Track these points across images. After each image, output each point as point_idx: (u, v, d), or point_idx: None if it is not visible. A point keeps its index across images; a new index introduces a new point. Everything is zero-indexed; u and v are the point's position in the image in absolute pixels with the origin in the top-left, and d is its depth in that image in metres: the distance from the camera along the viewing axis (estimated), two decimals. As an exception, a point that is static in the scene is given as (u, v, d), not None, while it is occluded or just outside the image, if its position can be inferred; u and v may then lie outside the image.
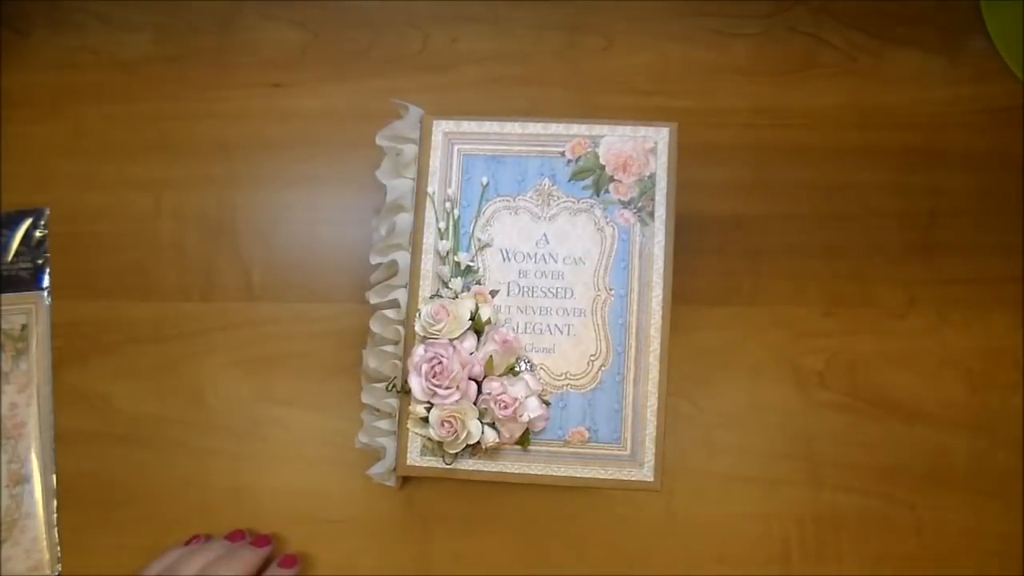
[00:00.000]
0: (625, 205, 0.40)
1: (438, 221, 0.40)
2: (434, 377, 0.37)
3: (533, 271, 0.40)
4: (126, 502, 0.48)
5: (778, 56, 0.52)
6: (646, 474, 0.39)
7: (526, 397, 0.38)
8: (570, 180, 0.40)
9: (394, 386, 0.40)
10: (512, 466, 0.39)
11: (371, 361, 0.41)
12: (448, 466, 0.39)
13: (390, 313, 0.41)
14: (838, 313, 0.49)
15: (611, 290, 0.40)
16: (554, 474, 0.39)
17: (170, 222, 0.51)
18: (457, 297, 0.39)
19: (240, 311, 0.50)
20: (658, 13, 0.52)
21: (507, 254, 0.40)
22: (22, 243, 0.51)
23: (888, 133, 0.51)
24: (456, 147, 0.41)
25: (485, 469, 0.39)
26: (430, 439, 0.39)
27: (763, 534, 0.47)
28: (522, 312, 0.40)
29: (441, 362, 0.37)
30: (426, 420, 0.38)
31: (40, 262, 0.51)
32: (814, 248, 0.49)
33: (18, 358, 0.49)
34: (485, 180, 0.40)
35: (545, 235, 0.40)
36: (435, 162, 0.40)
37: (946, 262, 0.49)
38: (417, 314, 0.39)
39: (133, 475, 0.48)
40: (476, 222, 0.40)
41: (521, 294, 0.40)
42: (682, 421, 0.47)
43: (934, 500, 0.47)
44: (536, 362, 0.39)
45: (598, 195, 0.40)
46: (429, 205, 0.40)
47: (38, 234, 0.51)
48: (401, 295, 0.40)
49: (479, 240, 0.40)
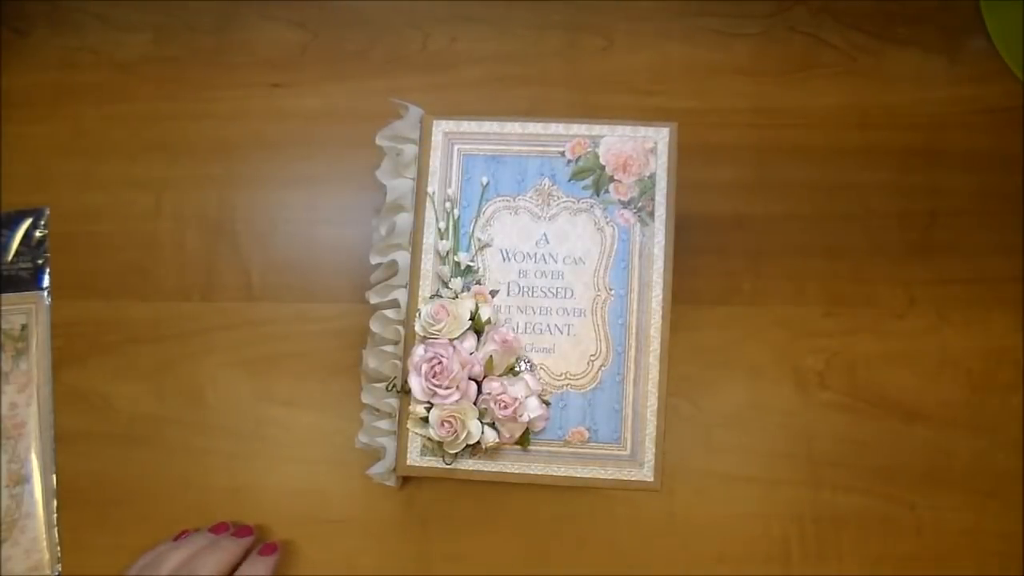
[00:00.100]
0: (625, 205, 0.40)
1: (438, 221, 0.40)
2: (434, 377, 0.37)
3: (533, 271, 0.40)
4: (126, 502, 0.48)
5: (778, 56, 0.52)
6: (646, 474, 0.39)
7: (526, 397, 0.38)
8: (570, 180, 0.40)
9: (394, 386, 0.40)
10: (512, 466, 0.39)
11: (371, 361, 0.41)
12: (448, 466, 0.39)
13: (390, 313, 0.41)
14: (838, 313, 0.49)
15: (611, 290, 0.40)
16: (554, 474, 0.39)
17: (170, 222, 0.51)
18: (457, 297, 0.39)
19: (240, 311, 0.50)
20: (658, 13, 0.52)
21: (507, 254, 0.40)
22: (22, 243, 0.51)
23: (888, 133, 0.51)
24: (456, 147, 0.41)
25: (485, 469, 0.39)
26: (430, 439, 0.39)
27: (763, 534, 0.47)
28: (522, 312, 0.40)
29: (441, 362, 0.37)
30: (426, 420, 0.38)
31: (40, 262, 0.51)
32: (814, 248, 0.49)
33: (18, 358, 0.49)
34: (485, 180, 0.40)
35: (545, 235, 0.40)
36: (435, 162, 0.40)
37: (946, 262, 0.49)
38: (417, 314, 0.39)
39: (133, 475, 0.48)
40: (476, 222, 0.40)
41: (521, 294, 0.40)
42: (682, 421, 0.47)
43: (934, 500, 0.47)
44: (536, 362, 0.39)
45: (598, 195, 0.40)
46: (429, 205, 0.40)
47: (38, 234, 0.51)
48: (401, 295, 0.40)
49: (479, 240, 0.40)
